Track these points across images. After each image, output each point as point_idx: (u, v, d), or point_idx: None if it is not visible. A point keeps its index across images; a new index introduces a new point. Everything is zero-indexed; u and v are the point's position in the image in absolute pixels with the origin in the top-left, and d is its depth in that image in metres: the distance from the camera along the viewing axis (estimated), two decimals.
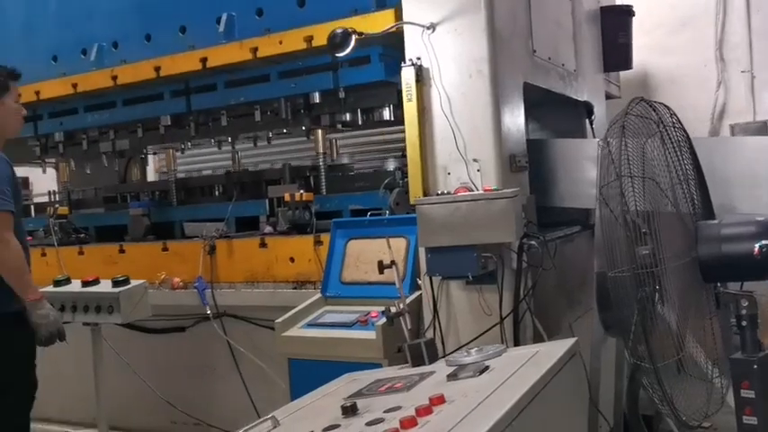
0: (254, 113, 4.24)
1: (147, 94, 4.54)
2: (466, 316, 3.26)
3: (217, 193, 4.66)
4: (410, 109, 3.36)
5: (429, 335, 3.23)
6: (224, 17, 4.12)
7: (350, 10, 3.69)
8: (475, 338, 3.14)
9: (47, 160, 5.44)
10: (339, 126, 4.21)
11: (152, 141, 4.80)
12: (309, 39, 3.80)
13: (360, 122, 4.11)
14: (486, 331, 3.15)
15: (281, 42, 3.89)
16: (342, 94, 3.94)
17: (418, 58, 3.34)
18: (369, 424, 1.80)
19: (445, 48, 3.29)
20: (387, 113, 4.05)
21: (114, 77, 4.48)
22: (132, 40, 4.52)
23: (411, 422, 1.71)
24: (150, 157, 6.00)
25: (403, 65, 3.36)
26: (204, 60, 4.14)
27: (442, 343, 3.26)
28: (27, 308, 3.32)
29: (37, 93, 4.77)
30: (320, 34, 3.70)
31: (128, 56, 4.51)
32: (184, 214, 4.59)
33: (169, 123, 4.48)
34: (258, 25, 4.04)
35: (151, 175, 6.37)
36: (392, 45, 3.49)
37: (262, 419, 2.02)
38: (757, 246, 2.32)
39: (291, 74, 4.05)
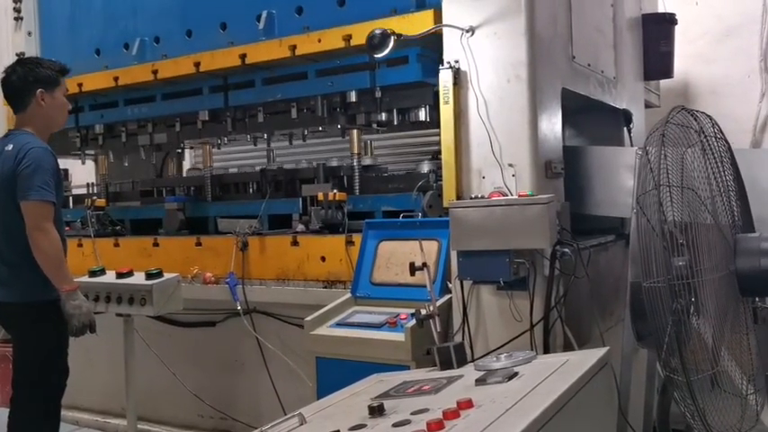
0: (290, 111, 4.28)
1: (186, 89, 4.62)
2: (496, 321, 3.24)
3: (251, 190, 4.70)
4: (446, 112, 3.36)
5: (458, 339, 3.23)
6: (264, 14, 4.17)
7: (389, 9, 3.71)
8: (504, 344, 3.12)
9: (86, 152, 5.55)
10: (374, 125, 4.22)
11: (189, 136, 4.86)
12: (348, 38, 3.82)
13: (395, 122, 4.11)
14: (515, 337, 3.13)
15: (319, 41, 3.93)
16: (378, 94, 3.95)
17: (456, 61, 3.34)
18: (395, 425, 1.79)
19: (484, 51, 3.28)
20: (423, 114, 4.04)
21: (155, 72, 4.56)
22: (173, 36, 4.61)
23: (438, 425, 1.70)
24: (187, 152, 6.09)
25: (441, 68, 3.36)
26: (243, 57, 4.19)
27: (471, 347, 3.25)
28: (62, 298, 3.38)
29: (80, 85, 4.88)
30: (359, 33, 3.72)
31: (169, 51, 4.60)
32: (218, 210, 4.64)
33: (207, 118, 4.54)
34: (298, 23, 4.08)
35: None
36: (430, 46, 3.49)
37: (289, 416, 2.03)
38: None
39: (329, 72, 4.08)
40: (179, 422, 4.54)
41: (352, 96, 4.02)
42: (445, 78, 3.34)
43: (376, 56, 3.33)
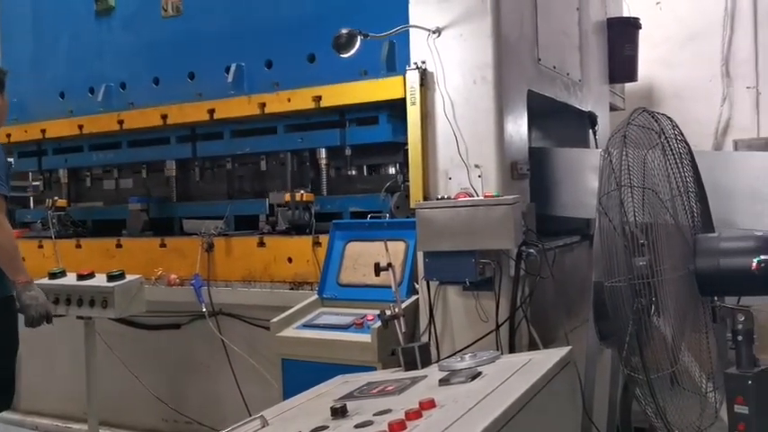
0: (259, 163, 4.32)
1: (153, 138, 4.59)
2: (462, 322, 3.25)
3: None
4: (413, 113, 3.36)
5: (424, 339, 3.23)
6: (233, 67, 4.15)
7: (359, 71, 3.73)
8: (470, 345, 3.13)
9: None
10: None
11: (156, 183, 4.83)
12: (318, 98, 3.84)
13: (365, 175, 4.19)
14: (481, 338, 3.14)
15: (289, 100, 3.94)
16: (348, 152, 3.98)
17: (423, 62, 3.34)
18: (357, 426, 1.78)
19: (450, 52, 3.29)
20: (392, 170, 4.10)
21: (121, 122, 4.53)
22: (140, 82, 4.57)
23: (400, 425, 1.69)
24: None
25: (407, 68, 3.36)
26: (212, 111, 4.19)
27: (437, 348, 3.25)
28: (17, 290, 3.38)
29: (43, 131, 4.85)
30: (328, 95, 3.79)
31: (135, 98, 4.57)
32: (184, 211, 4.59)
33: (174, 168, 4.55)
34: (267, 77, 4.08)
35: None
36: (400, 106, 3.48)
37: (250, 419, 2.00)
38: (755, 261, 2.31)
39: (299, 128, 4.10)
40: (142, 426, 4.46)
41: (322, 153, 4.05)
42: (412, 79, 3.34)
43: (343, 56, 3.31)
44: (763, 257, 2.32)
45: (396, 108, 3.59)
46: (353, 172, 4.16)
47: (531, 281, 3.22)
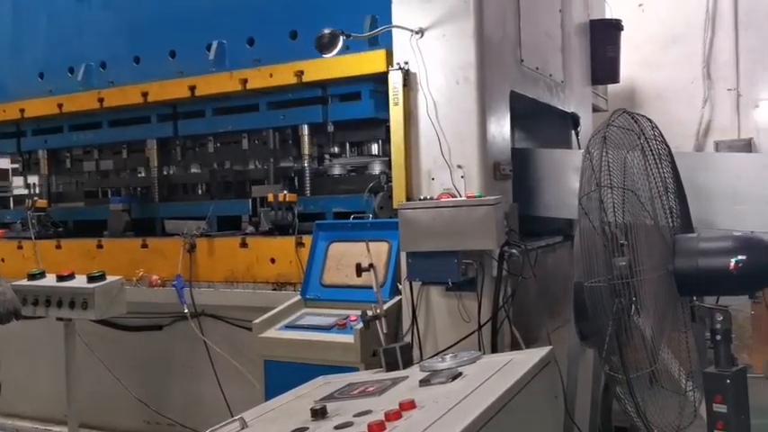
0: (241, 141, 4.27)
1: (134, 117, 4.53)
2: (445, 322, 3.25)
3: (200, 191, 4.62)
4: (396, 113, 3.36)
5: (407, 340, 3.23)
6: (214, 45, 4.12)
7: (342, 47, 3.69)
8: (453, 345, 3.13)
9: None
10: (327, 156, 4.23)
11: (137, 164, 4.78)
12: (300, 73, 3.80)
13: (347, 155, 4.14)
14: (464, 338, 3.15)
15: (271, 75, 3.90)
16: (330, 129, 3.95)
17: (406, 63, 3.35)
18: (337, 428, 1.78)
19: (433, 53, 3.30)
20: (375, 148, 4.08)
21: (101, 100, 4.46)
22: (121, 62, 4.51)
23: (379, 426, 1.69)
24: None
25: (391, 69, 3.36)
26: (193, 88, 4.14)
27: (420, 349, 3.25)
28: None
29: (21, 111, 4.77)
30: (311, 69, 3.74)
31: (115, 77, 4.51)
32: (166, 211, 4.54)
33: (155, 147, 4.49)
34: (249, 54, 4.05)
35: None
36: (382, 82, 3.47)
37: (229, 420, 1.99)
38: (733, 261, 2.33)
39: (281, 105, 4.06)
40: (124, 429, 4.42)
41: (305, 130, 4.01)
42: (395, 80, 3.34)
43: (325, 55, 3.30)
44: (740, 257, 2.34)
45: (378, 83, 3.57)
46: (336, 149, 4.11)
47: (513, 281, 3.23)
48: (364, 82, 3.70)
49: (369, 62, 3.56)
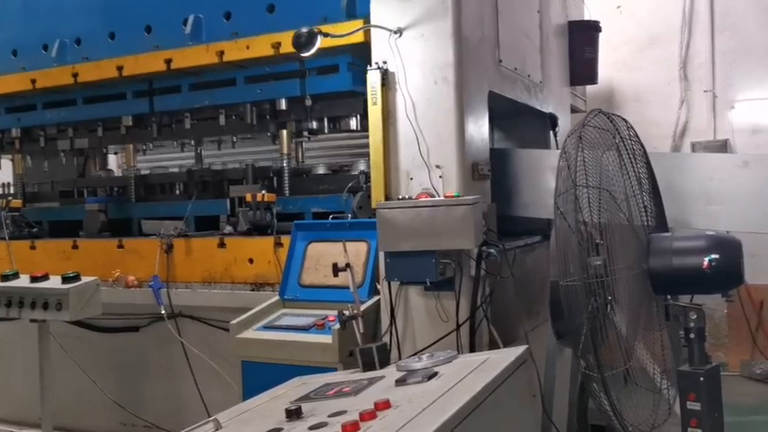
0: (218, 117, 4.20)
1: (109, 93, 4.46)
2: (423, 322, 3.25)
3: (178, 191, 4.58)
4: (375, 113, 3.36)
5: (385, 340, 3.22)
6: (191, 19, 4.07)
7: (320, 18, 3.67)
8: (431, 345, 3.13)
9: (2, 156, 5.30)
10: (305, 133, 4.19)
11: (112, 141, 4.72)
12: (277, 45, 3.77)
13: (326, 131, 4.10)
14: (442, 338, 3.15)
15: (248, 47, 3.86)
16: (308, 102, 3.92)
17: (384, 62, 3.34)
18: (312, 428, 1.77)
19: (411, 53, 3.30)
20: (353, 123, 4.03)
21: (75, 75, 4.39)
22: (96, 38, 4.44)
23: (354, 427, 1.68)
24: (111, 157, 5.89)
25: (369, 68, 3.35)
26: (169, 62, 4.09)
27: (398, 348, 3.25)
28: None
29: None
30: (288, 41, 3.63)
31: (90, 53, 4.43)
32: (143, 211, 4.51)
33: (131, 124, 4.41)
34: (226, 29, 4.00)
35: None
36: (361, 55, 3.47)
37: (204, 422, 1.97)
38: (707, 260, 2.35)
39: (258, 79, 4.02)
40: (100, 431, 4.37)
41: (282, 104, 3.98)
42: (373, 79, 3.33)
43: (303, 55, 3.29)
44: (714, 256, 2.37)
45: (356, 55, 3.54)
46: (314, 124, 4.08)
47: (491, 281, 3.23)
48: (342, 54, 3.66)
49: (346, 32, 3.48)
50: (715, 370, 2.39)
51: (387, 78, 3.33)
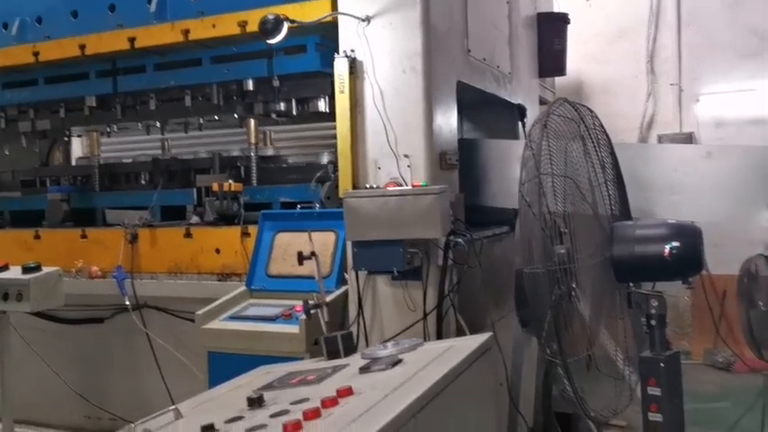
0: (184, 98, 4.12)
1: (72, 73, 4.36)
2: (391, 311, 3.25)
3: (143, 180, 4.50)
4: (342, 101, 3.33)
5: (354, 330, 3.21)
6: None
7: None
8: (398, 334, 3.13)
9: None
10: (273, 116, 4.14)
11: (75, 123, 4.61)
12: (244, 24, 3.71)
13: (294, 113, 4.05)
14: (409, 327, 3.15)
15: (214, 26, 3.80)
16: (276, 83, 3.87)
17: (352, 51, 3.32)
18: (273, 416, 1.75)
19: (380, 41, 3.28)
20: (322, 105, 3.98)
21: (36, 53, 4.28)
22: (57, 16, 4.33)
23: (315, 413, 1.67)
24: (75, 141, 5.75)
25: (336, 56, 3.33)
26: (132, 40, 4.01)
27: (366, 338, 3.24)
28: None
29: None
30: (255, 20, 3.57)
31: (52, 32, 4.32)
32: (107, 201, 4.43)
33: (94, 104, 4.32)
34: (192, 7, 3.93)
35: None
36: (329, 35, 3.44)
37: (163, 411, 1.94)
38: (668, 247, 2.39)
39: (225, 59, 3.96)
40: (65, 425, 4.30)
41: (249, 85, 3.92)
42: (341, 67, 3.31)
43: (269, 41, 3.25)
44: (675, 244, 2.40)
45: (324, 35, 3.51)
46: (282, 106, 4.03)
47: (459, 270, 3.24)
48: (309, 34, 3.62)
49: (314, 11, 3.48)
50: (675, 356, 2.43)
51: (354, 67, 3.30)
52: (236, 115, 4.14)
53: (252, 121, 4.07)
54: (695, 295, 5.89)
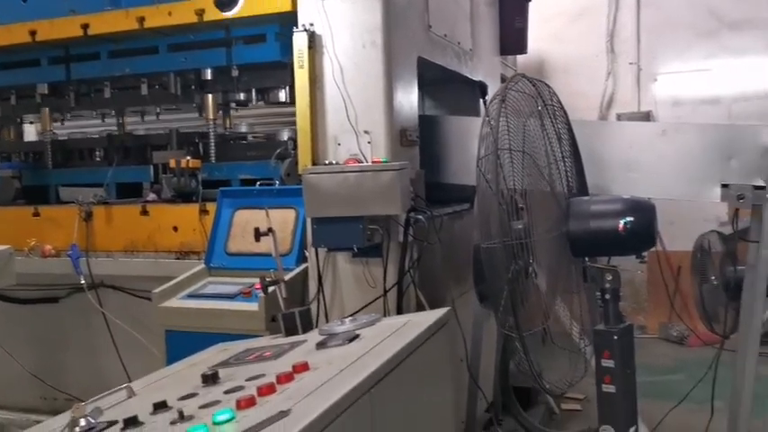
0: (140, 86, 4.04)
1: (22, 60, 4.22)
2: (351, 288, 3.24)
3: (98, 157, 4.39)
4: (301, 76, 3.28)
5: (314, 307, 3.20)
6: None
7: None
8: (358, 311, 3.13)
9: None
10: (232, 104, 4.07)
11: (27, 110, 4.49)
12: (201, 12, 3.62)
13: (254, 102, 4.00)
14: (369, 303, 3.15)
15: (170, 14, 3.71)
16: (235, 72, 3.80)
17: (311, 24, 3.26)
18: (227, 392, 1.74)
19: (339, 15, 3.23)
20: (282, 95, 3.94)
21: None
22: (6, 0, 4.17)
23: (269, 389, 1.66)
24: (27, 127, 5.57)
25: (295, 30, 3.27)
26: (86, 27, 3.88)
27: (326, 315, 3.24)
28: None
29: None
30: (212, 8, 3.56)
31: (1, 16, 4.16)
32: (60, 178, 4.31)
33: (46, 92, 4.19)
34: None
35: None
36: (289, 25, 3.36)
37: (116, 389, 1.91)
38: (622, 222, 2.42)
39: (182, 47, 3.88)
40: (19, 406, 4.21)
41: (208, 74, 3.85)
42: (300, 42, 3.25)
43: (225, 14, 3.18)
44: (628, 219, 2.44)
45: (285, 24, 3.45)
46: (242, 96, 3.98)
47: (419, 247, 3.25)
48: (269, 23, 3.57)
49: (274, 1, 3.44)
50: (628, 329, 2.48)
51: (314, 41, 3.25)
52: (194, 104, 4.05)
53: (210, 97, 3.98)
54: (651, 271, 6.03)
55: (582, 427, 3.93)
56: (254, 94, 3.98)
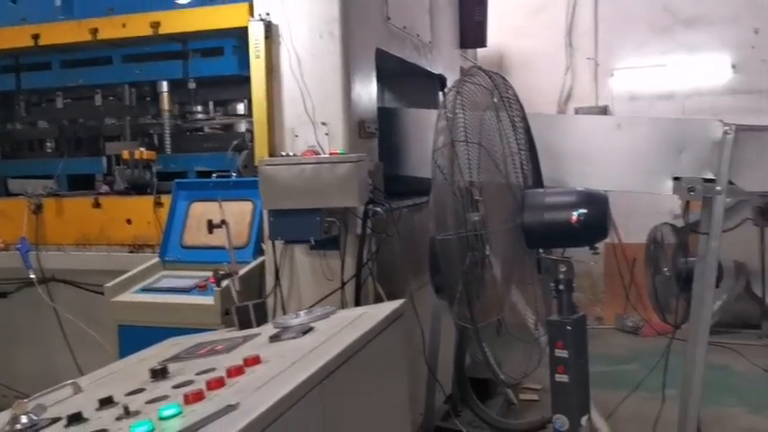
0: (94, 97, 3.98)
1: None
2: (308, 281, 3.22)
3: (48, 148, 4.26)
4: (258, 67, 3.24)
5: (270, 300, 3.17)
6: None
7: None
8: (316, 303, 3.11)
9: None
10: (188, 116, 4.01)
11: None
12: (156, 24, 3.57)
13: (212, 115, 3.96)
14: (327, 296, 3.14)
15: (124, 25, 3.64)
16: (192, 85, 3.76)
17: (267, 14, 3.23)
18: (175, 387, 1.70)
19: (296, 5, 3.20)
20: (241, 108, 3.90)
21: None
22: None
23: (219, 383, 1.63)
24: None
25: (251, 19, 3.22)
26: (36, 37, 3.80)
27: (284, 308, 3.21)
28: None
29: None
30: (168, 21, 3.53)
31: None
32: (9, 170, 4.19)
33: None
34: (102, 3, 3.74)
35: None
36: (247, 37, 3.31)
37: (61, 385, 1.86)
38: (575, 214, 2.45)
39: (137, 58, 3.81)
40: None
41: (164, 86, 3.81)
42: (256, 31, 3.21)
43: (180, 1, 3.11)
44: (582, 211, 2.46)
45: (242, 38, 3.41)
46: (199, 108, 3.94)
47: (377, 239, 3.24)
48: (227, 36, 3.55)
49: (230, 15, 3.41)
50: (581, 319, 2.51)
51: (270, 31, 3.21)
52: (149, 117, 3.97)
53: (164, 84, 3.89)
54: (608, 263, 6.13)
55: (538, 416, 3.98)
56: (211, 106, 3.95)
